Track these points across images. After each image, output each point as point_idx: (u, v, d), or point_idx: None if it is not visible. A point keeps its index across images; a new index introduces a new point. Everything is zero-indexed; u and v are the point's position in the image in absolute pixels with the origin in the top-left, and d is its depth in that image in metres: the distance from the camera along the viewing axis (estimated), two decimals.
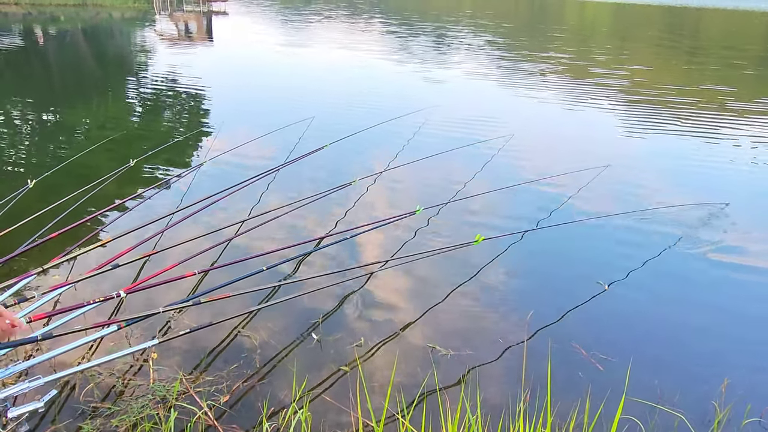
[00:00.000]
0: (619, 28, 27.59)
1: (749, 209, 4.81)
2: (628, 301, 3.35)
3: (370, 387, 2.50)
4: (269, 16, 24.15)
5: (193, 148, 6.03)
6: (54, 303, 2.98)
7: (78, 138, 6.25)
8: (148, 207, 4.35)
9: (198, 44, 14.85)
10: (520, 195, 4.94)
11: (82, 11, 22.06)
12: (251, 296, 3.13)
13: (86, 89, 9.14)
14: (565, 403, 2.42)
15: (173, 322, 2.90)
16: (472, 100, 9.05)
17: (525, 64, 13.06)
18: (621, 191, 5.21)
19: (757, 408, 2.48)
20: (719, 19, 37.39)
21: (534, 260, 3.85)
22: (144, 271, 3.37)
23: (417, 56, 13.47)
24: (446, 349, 2.79)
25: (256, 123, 6.82)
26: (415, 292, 3.34)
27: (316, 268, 3.51)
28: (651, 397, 2.49)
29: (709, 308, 3.35)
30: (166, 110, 7.82)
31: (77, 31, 17.04)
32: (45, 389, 2.18)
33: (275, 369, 2.60)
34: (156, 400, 2.33)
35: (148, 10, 23.72)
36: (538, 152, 6.32)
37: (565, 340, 2.91)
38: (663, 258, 3.87)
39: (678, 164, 6.12)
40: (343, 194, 4.55)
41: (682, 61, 15.75)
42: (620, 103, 9.11)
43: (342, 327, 2.94)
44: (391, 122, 6.45)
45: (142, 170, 5.12)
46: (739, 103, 9.62)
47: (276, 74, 10.71)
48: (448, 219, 4.35)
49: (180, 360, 2.61)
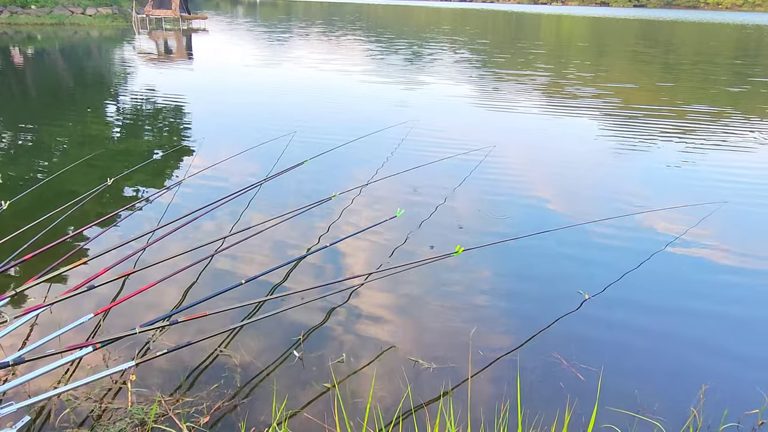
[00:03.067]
0: (597, 42, 28.16)
1: (730, 217, 4.90)
2: (609, 310, 3.39)
3: (353, 403, 2.49)
4: (249, 33, 24.22)
5: (173, 165, 6.00)
6: (29, 326, 2.92)
7: (54, 158, 6.17)
8: (127, 226, 4.31)
9: (178, 62, 14.82)
10: (501, 205, 4.98)
11: (60, 30, 21.91)
12: (232, 314, 3.11)
13: (64, 108, 9.06)
14: (546, 413, 2.43)
15: (152, 342, 2.86)
16: (452, 114, 9.14)
17: (504, 79, 13.26)
18: (600, 199, 5.28)
19: (735, 413, 2.51)
20: (693, 31, 38.35)
21: (514, 270, 3.88)
22: (123, 290, 3.33)
23: (396, 72, 13.59)
24: (428, 362, 2.79)
25: (237, 139, 6.81)
26: (397, 306, 3.34)
27: (298, 284, 3.49)
28: (631, 406, 2.52)
29: (688, 315, 3.40)
30: (145, 128, 7.77)
31: (54, 50, 16.90)
32: (18, 415, 2.14)
33: (256, 388, 2.57)
34: (134, 424, 2.29)
35: (127, 29, 23.65)
36: (518, 163, 6.39)
37: (546, 350, 2.93)
38: (642, 266, 3.92)
39: (657, 172, 6.23)
40: (324, 209, 4.56)
41: (658, 70, 16.11)
42: (598, 114, 9.27)
43: (324, 343, 2.93)
44: (372, 136, 6.50)
45: (120, 189, 5.07)
46: (717, 111, 9.86)
47: (256, 91, 10.72)
48: (430, 230, 4.37)
49: (159, 381, 2.58)
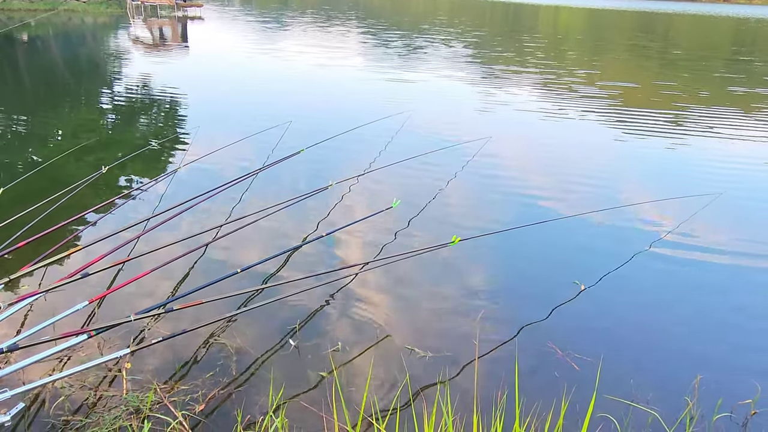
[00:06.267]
0: (594, 35, 28.07)
1: (726, 208, 4.90)
2: (604, 300, 3.40)
3: (348, 391, 2.49)
4: (245, 21, 24.01)
5: (169, 153, 5.95)
6: (24, 313, 2.91)
7: (48, 145, 6.12)
8: (122, 214, 4.28)
9: (173, 50, 14.69)
10: (498, 196, 4.98)
11: (54, 17, 21.65)
12: (227, 302, 3.09)
13: (57, 95, 8.97)
14: (541, 402, 2.44)
15: (147, 330, 2.85)
16: (448, 104, 9.10)
17: (500, 71, 13.21)
18: (596, 190, 5.28)
19: (728, 403, 2.53)
20: (688, 24, 38.27)
21: (510, 260, 3.88)
22: (118, 278, 3.31)
23: (393, 62, 13.51)
24: (424, 351, 2.79)
25: (233, 128, 6.76)
26: (393, 294, 3.34)
27: (294, 273, 3.48)
28: (626, 395, 2.53)
29: (682, 306, 3.41)
30: (140, 116, 7.71)
31: (48, 36, 16.72)
32: (12, 402, 2.13)
33: (252, 376, 2.57)
34: (129, 411, 2.28)
35: (121, 16, 23.40)
36: (514, 155, 6.38)
37: (541, 340, 2.93)
38: (638, 257, 3.93)
39: (654, 164, 6.23)
40: (320, 198, 4.54)
41: (655, 62, 16.08)
42: (594, 106, 9.25)
43: (320, 331, 2.93)
44: (369, 126, 6.46)
45: (115, 177, 5.03)
46: (713, 102, 9.85)
47: (252, 79, 10.64)
48: (426, 220, 4.36)
49: (154, 369, 2.57)
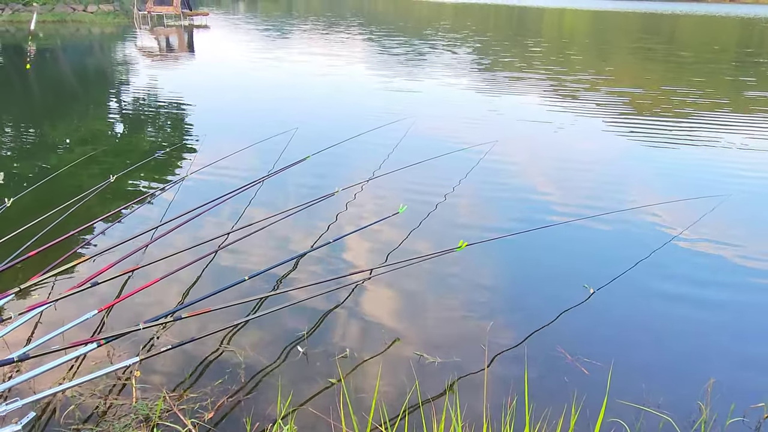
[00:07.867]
0: (600, 38, 28.02)
1: (735, 210, 4.86)
2: (614, 303, 3.37)
3: (357, 398, 2.48)
4: (250, 29, 24.16)
5: (176, 162, 5.99)
6: (33, 323, 2.92)
7: (57, 155, 6.17)
8: (131, 222, 4.31)
9: (179, 58, 14.80)
10: (504, 200, 4.96)
11: (62, 27, 21.88)
12: (235, 310, 3.10)
13: (66, 105, 9.05)
14: (551, 408, 2.42)
15: (156, 338, 2.86)
16: (453, 109, 9.10)
17: (505, 75, 13.20)
18: (604, 193, 5.26)
19: (741, 407, 2.50)
20: (693, 25, 38.14)
21: (519, 264, 3.87)
22: (126, 287, 3.32)
23: (397, 67, 13.54)
24: (433, 357, 2.78)
25: (239, 136, 6.79)
26: (401, 300, 3.33)
27: (301, 280, 3.48)
28: (637, 400, 2.51)
29: (694, 309, 3.38)
30: (147, 125, 7.77)
31: (57, 47, 16.89)
32: (23, 411, 2.13)
33: (260, 383, 2.57)
34: (139, 420, 2.29)
35: (128, 26, 23.62)
36: (520, 159, 6.36)
37: (550, 344, 2.91)
38: (648, 260, 3.90)
39: (661, 166, 6.20)
40: (327, 205, 4.54)
41: (662, 64, 16.02)
42: (601, 109, 9.22)
43: (328, 338, 2.92)
44: (374, 132, 6.47)
45: (123, 186, 5.06)
46: (717, 105, 9.80)
47: (258, 87, 10.70)
48: (432, 226, 4.36)
49: (163, 377, 2.57)
